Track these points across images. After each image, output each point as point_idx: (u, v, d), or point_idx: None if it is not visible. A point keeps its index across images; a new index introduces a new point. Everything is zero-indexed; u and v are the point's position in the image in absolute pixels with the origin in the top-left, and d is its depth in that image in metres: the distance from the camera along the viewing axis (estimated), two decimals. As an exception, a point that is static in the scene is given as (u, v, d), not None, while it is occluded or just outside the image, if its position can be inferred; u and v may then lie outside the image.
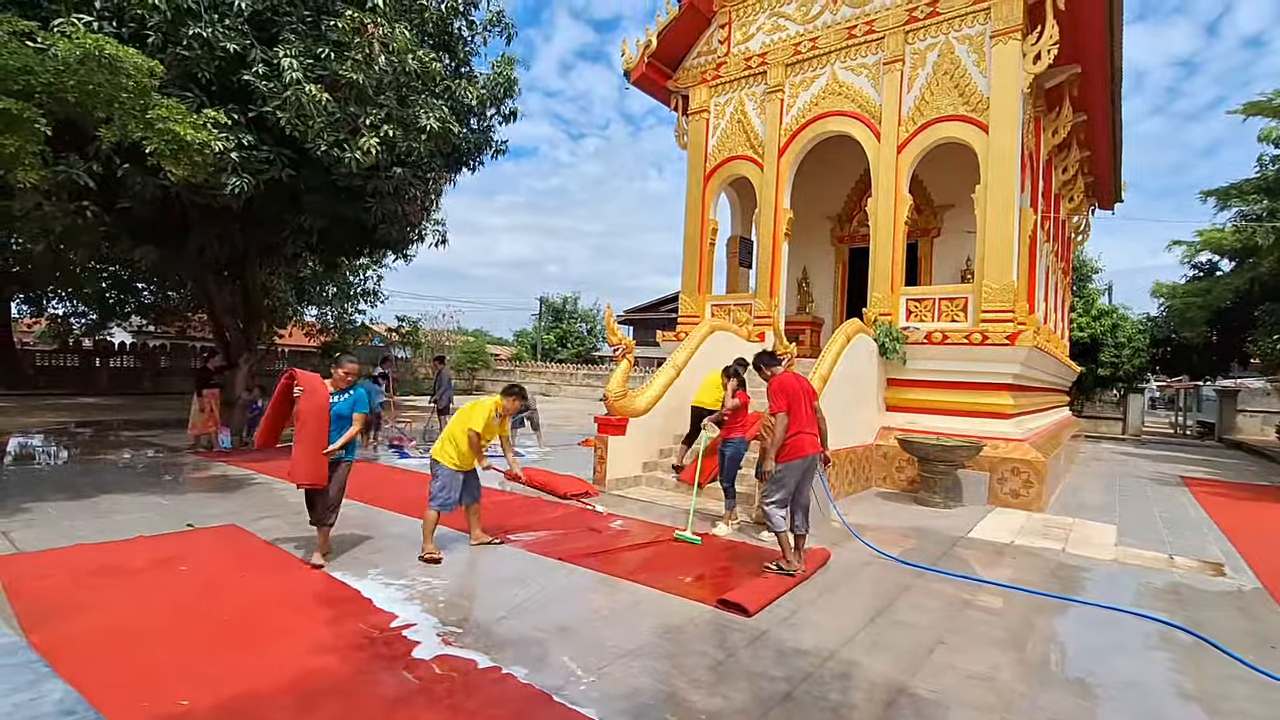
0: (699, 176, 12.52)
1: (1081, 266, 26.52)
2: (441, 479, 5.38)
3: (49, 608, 3.87)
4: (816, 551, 5.69)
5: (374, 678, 3.25)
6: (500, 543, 5.72)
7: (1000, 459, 8.58)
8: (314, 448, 4.74)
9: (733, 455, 6.67)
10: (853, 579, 5.22)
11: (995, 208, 9.30)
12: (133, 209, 9.55)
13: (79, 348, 24.42)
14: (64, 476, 8.05)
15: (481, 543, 5.64)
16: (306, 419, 4.74)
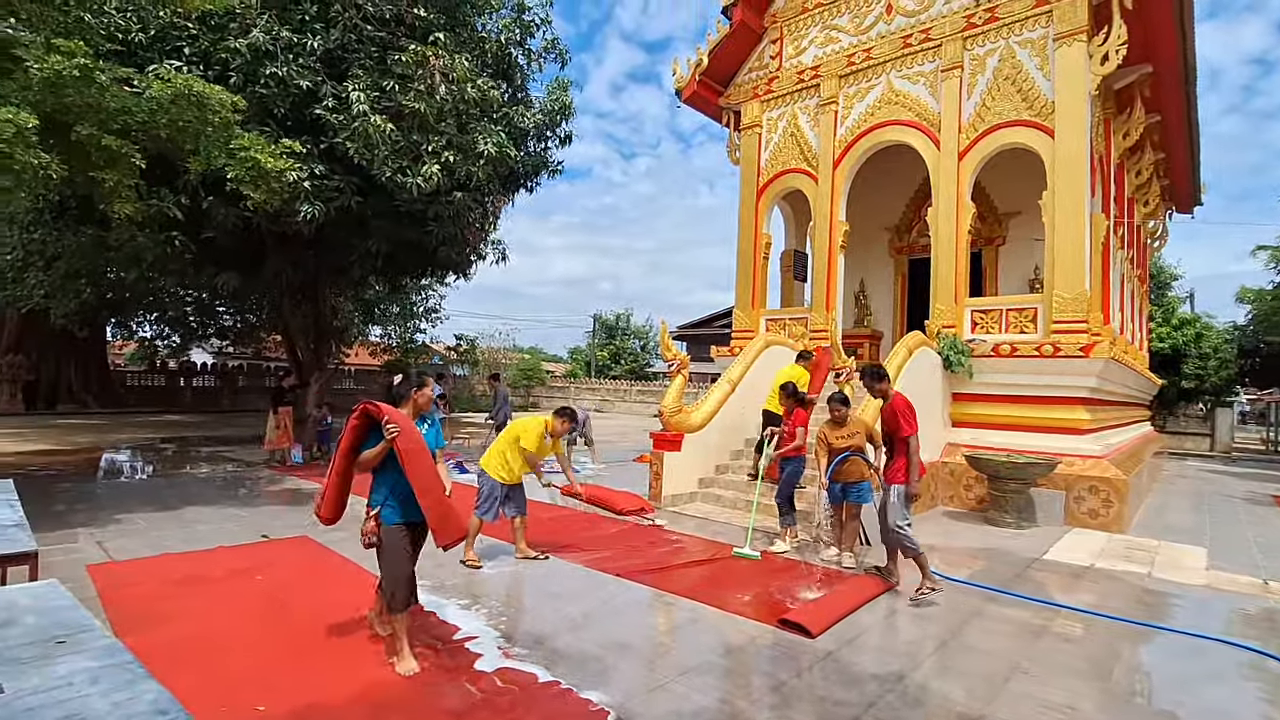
0: (752, 191, 12.47)
1: (1159, 274, 25.08)
2: (486, 488, 5.54)
3: (140, 614, 4.10)
4: (879, 575, 5.51)
5: (438, 689, 3.31)
6: (546, 557, 5.74)
7: (1077, 476, 8.14)
8: (443, 494, 3.62)
9: (790, 474, 6.52)
10: (922, 602, 5.02)
11: (1064, 214, 8.92)
12: (216, 238, 10.19)
13: (165, 368, 26.06)
14: (151, 489, 8.56)
15: (526, 557, 5.68)
16: (414, 460, 3.51)
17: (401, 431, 3.39)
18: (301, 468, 10.64)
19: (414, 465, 3.36)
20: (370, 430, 3.50)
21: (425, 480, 3.41)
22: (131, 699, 1.55)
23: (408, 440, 3.40)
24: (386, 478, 3.51)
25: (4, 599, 2.20)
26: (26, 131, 5.51)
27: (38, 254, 12.09)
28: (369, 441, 3.47)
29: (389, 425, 3.34)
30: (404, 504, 3.48)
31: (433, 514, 3.41)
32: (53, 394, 20.97)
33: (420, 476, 3.39)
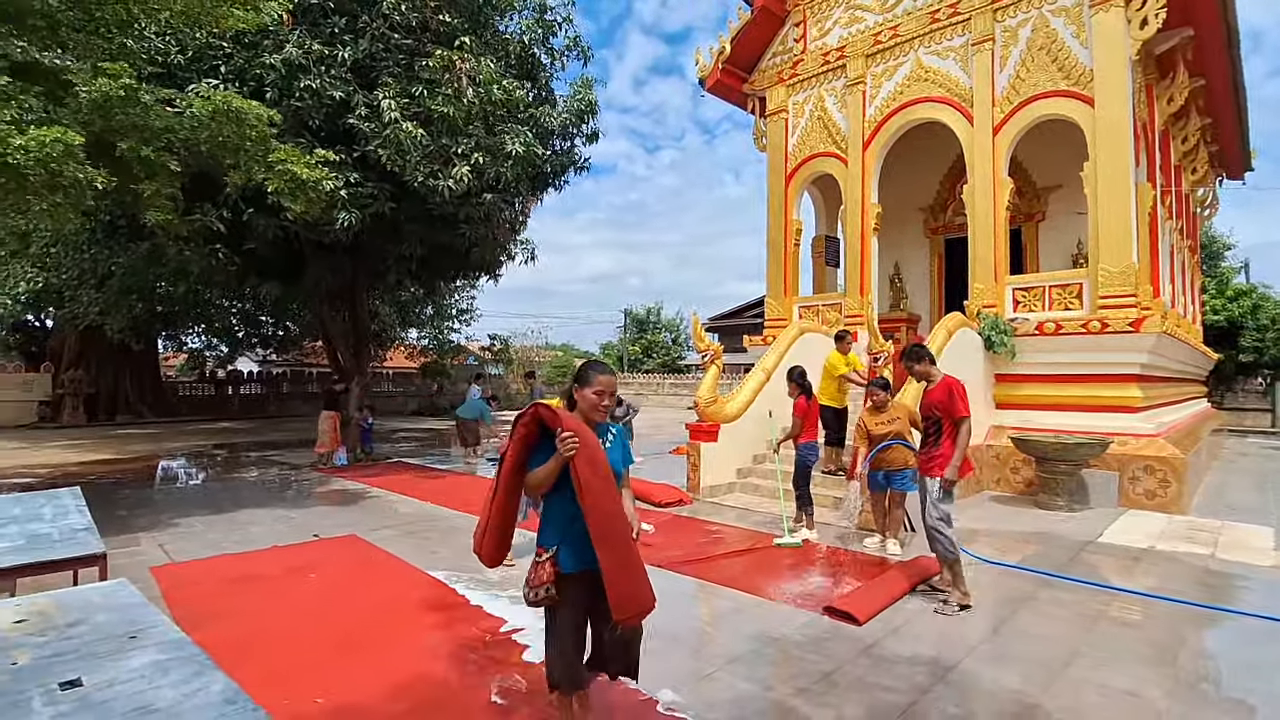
0: (780, 177, 12.32)
1: (1211, 243, 24.07)
2: None
3: (201, 611, 4.26)
4: (924, 561, 5.41)
5: (487, 680, 3.37)
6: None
7: (1131, 456, 7.86)
8: (628, 548, 2.49)
9: (802, 461, 6.44)
10: (969, 587, 4.91)
11: (1107, 185, 8.60)
12: (257, 249, 10.48)
13: (214, 377, 26.98)
14: (206, 494, 8.88)
15: None
16: (594, 493, 2.42)
17: (582, 446, 2.40)
18: (346, 469, 10.91)
19: (593, 500, 2.38)
20: (542, 441, 2.55)
21: (605, 524, 2.39)
22: (200, 689, 1.62)
23: (589, 463, 2.41)
24: (562, 507, 2.52)
25: (78, 598, 2.31)
26: (75, 149, 5.74)
27: (91, 272, 12.63)
28: (539, 456, 2.53)
29: (566, 436, 2.39)
30: (584, 545, 2.43)
31: (612, 575, 2.36)
32: (111, 406, 21.89)
33: (600, 518, 2.38)
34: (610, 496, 2.45)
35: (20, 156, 5.48)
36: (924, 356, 4.83)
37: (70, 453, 13.27)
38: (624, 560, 2.42)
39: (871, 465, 5.90)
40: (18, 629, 1.99)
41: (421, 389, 28.05)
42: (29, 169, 5.66)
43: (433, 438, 16.95)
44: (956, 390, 4.56)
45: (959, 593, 4.47)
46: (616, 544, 2.42)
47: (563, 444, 2.39)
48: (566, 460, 2.39)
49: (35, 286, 17.86)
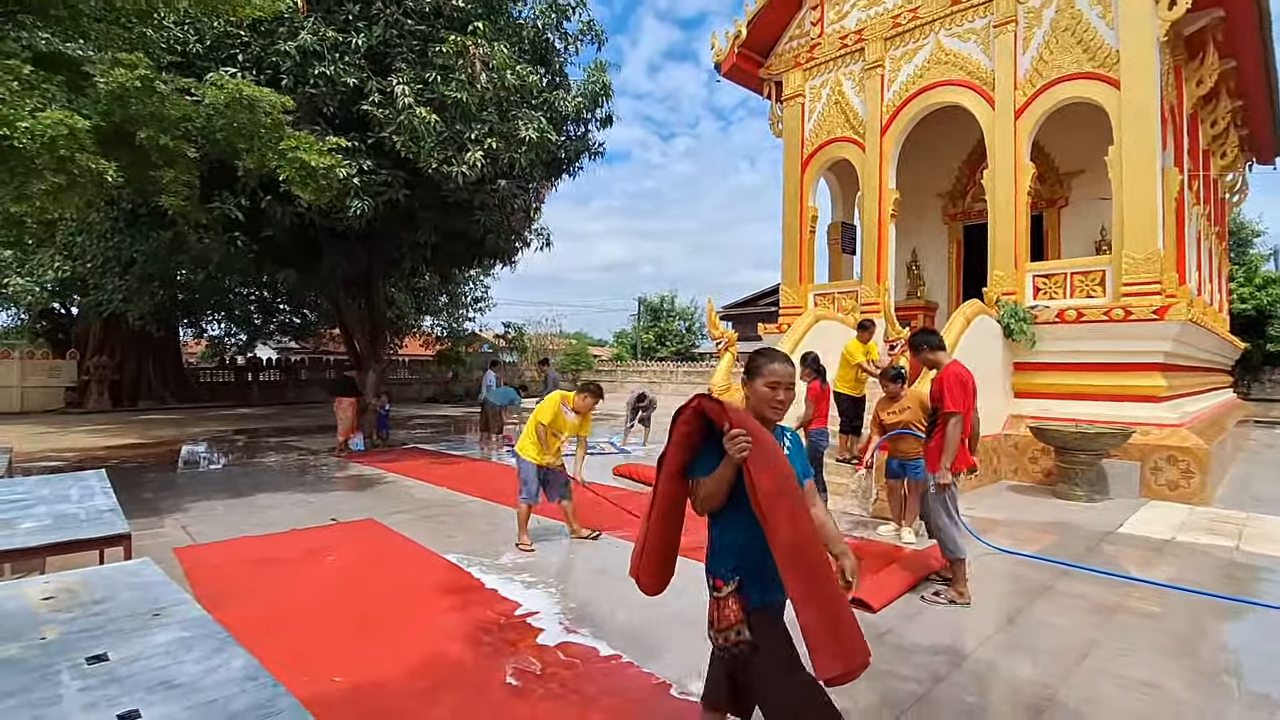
0: (796, 163, 12.19)
1: (1239, 230, 23.53)
2: (523, 473, 5.54)
3: (223, 591, 4.35)
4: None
5: (502, 661, 3.40)
6: (597, 536, 5.78)
7: (1153, 446, 7.73)
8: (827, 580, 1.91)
9: (812, 448, 6.38)
10: (984, 577, 4.87)
11: (1133, 169, 8.42)
12: (274, 237, 10.58)
13: (234, 365, 27.37)
14: (227, 478, 9.03)
15: (580, 536, 5.73)
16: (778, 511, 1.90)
17: (758, 448, 1.88)
18: (363, 454, 11.04)
19: (777, 518, 1.84)
20: (708, 442, 2.03)
21: (795, 552, 1.84)
22: (221, 665, 1.65)
23: (769, 469, 1.88)
24: (738, 525, 2.00)
25: (104, 576, 2.35)
26: (80, 134, 5.78)
27: (115, 260, 12.80)
28: (705, 461, 2.02)
29: (735, 434, 1.87)
30: (766, 575, 2.01)
31: (809, 620, 1.80)
32: (135, 392, 22.31)
33: (788, 543, 1.83)
34: (799, 514, 1.88)
35: (26, 140, 5.54)
36: (923, 344, 4.58)
37: (96, 437, 13.55)
38: (822, 599, 1.81)
39: (888, 454, 5.89)
40: (46, 605, 2.04)
41: (437, 376, 28.27)
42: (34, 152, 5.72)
43: (448, 424, 17.10)
44: (947, 383, 4.30)
45: (955, 591, 4.34)
46: (811, 578, 1.82)
47: (732, 443, 1.86)
48: (739, 464, 1.88)
49: (62, 275, 18.19)
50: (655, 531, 2.16)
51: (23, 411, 19.87)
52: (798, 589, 1.84)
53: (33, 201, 6.37)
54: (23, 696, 1.47)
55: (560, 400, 5.58)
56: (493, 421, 11.58)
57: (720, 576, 2.12)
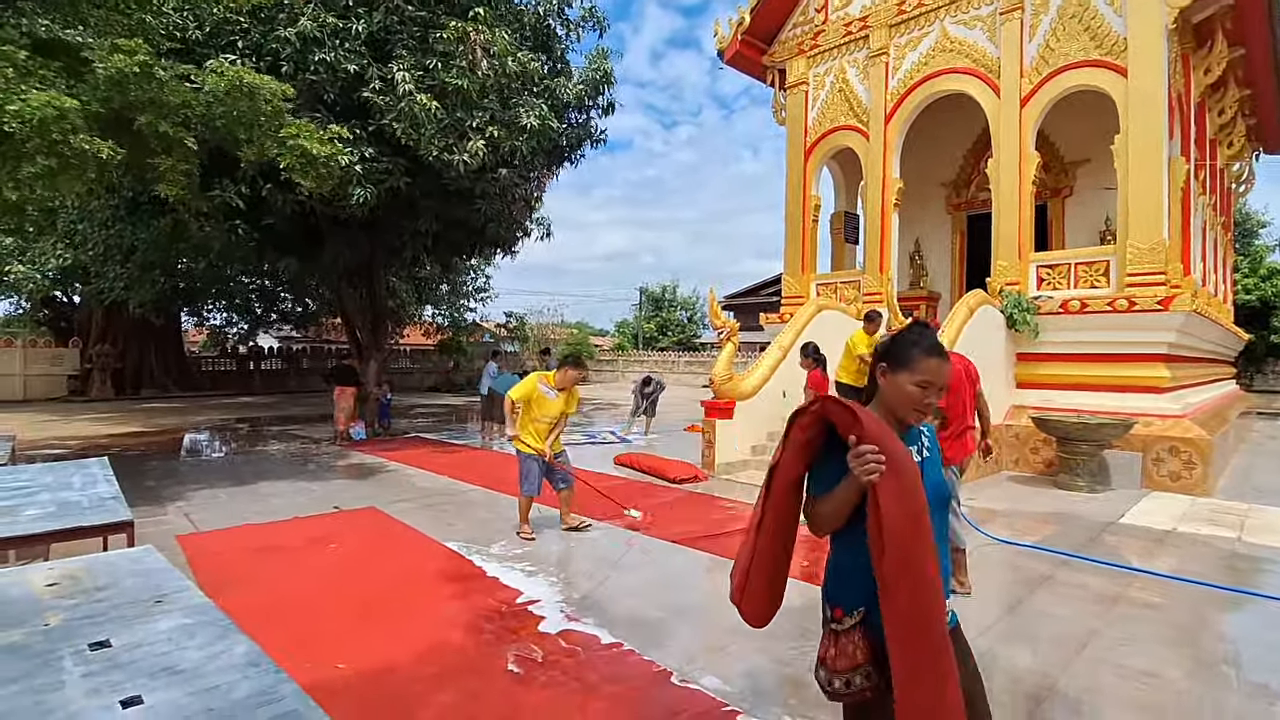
0: (799, 151, 12.11)
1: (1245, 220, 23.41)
2: (524, 466, 5.46)
3: (225, 579, 4.36)
4: None
5: (504, 649, 3.42)
6: (587, 527, 5.70)
7: (1155, 437, 7.72)
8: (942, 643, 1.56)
9: None
10: (984, 567, 4.88)
11: (1139, 158, 8.36)
12: (275, 225, 10.56)
13: (236, 353, 27.40)
14: (229, 466, 9.05)
15: (569, 528, 5.63)
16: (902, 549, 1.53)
17: (890, 467, 1.52)
18: (365, 443, 11.06)
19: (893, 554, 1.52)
20: (830, 451, 1.68)
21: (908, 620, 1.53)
22: (224, 652, 1.65)
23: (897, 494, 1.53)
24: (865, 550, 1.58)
25: (107, 563, 2.36)
26: (71, 115, 5.74)
27: (116, 248, 12.79)
28: (825, 473, 1.68)
29: (863, 451, 1.52)
30: None
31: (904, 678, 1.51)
32: (138, 380, 22.35)
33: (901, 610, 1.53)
34: (919, 552, 1.52)
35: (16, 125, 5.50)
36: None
37: (99, 425, 13.59)
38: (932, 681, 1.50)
39: None
40: (49, 592, 2.05)
41: (438, 365, 28.29)
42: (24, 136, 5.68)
43: (449, 413, 17.12)
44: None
45: (955, 581, 4.26)
46: (923, 656, 1.49)
47: (858, 462, 1.52)
48: (863, 483, 1.52)
49: (64, 262, 18.18)
50: (764, 552, 1.75)
51: (26, 400, 19.92)
52: (904, 665, 1.50)
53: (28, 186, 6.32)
54: (25, 682, 1.47)
55: (538, 380, 5.39)
56: (498, 411, 11.55)
57: (840, 604, 1.72)
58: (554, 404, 5.44)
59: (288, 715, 1.36)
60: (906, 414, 1.71)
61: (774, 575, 1.80)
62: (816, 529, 1.72)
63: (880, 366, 1.76)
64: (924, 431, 1.85)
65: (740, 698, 2.97)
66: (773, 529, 1.76)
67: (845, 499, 1.61)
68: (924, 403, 1.68)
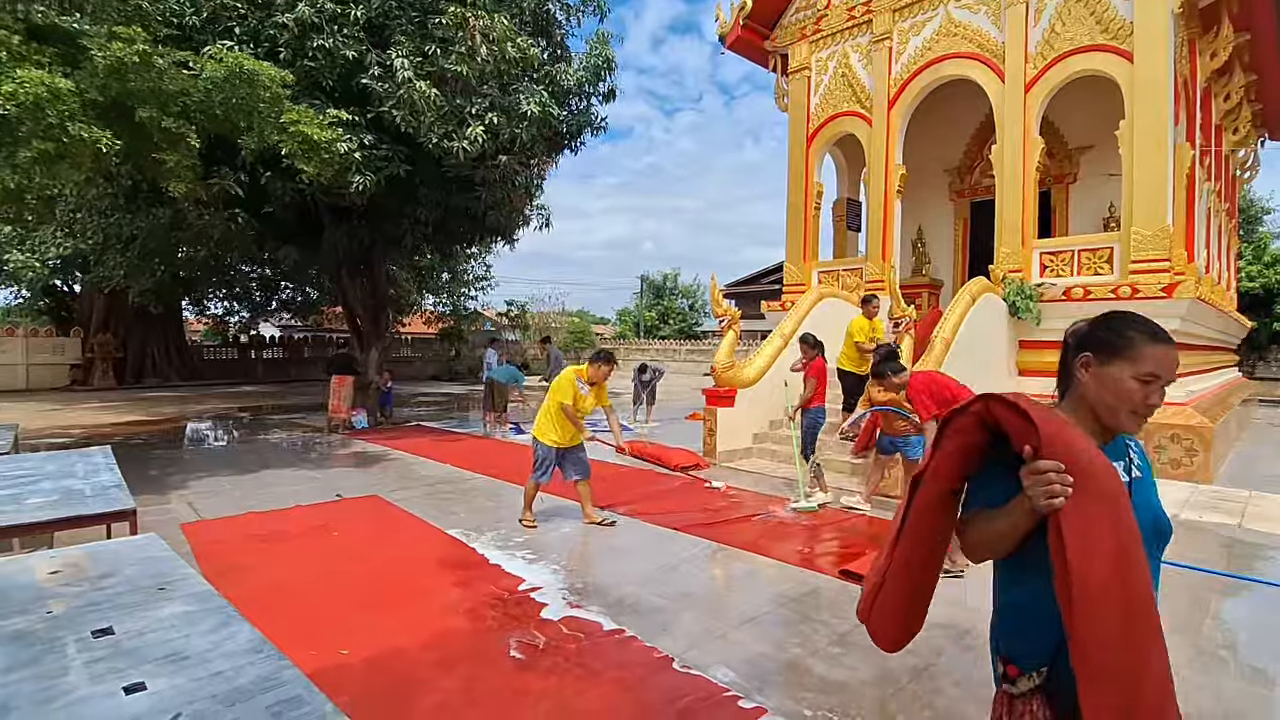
0: (801, 138, 12.02)
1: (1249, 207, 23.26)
2: (539, 455, 5.44)
3: (229, 566, 4.39)
4: None
5: (507, 635, 3.44)
6: (613, 523, 5.56)
7: (1157, 425, 7.71)
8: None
9: (810, 426, 6.52)
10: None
11: (1144, 144, 8.28)
12: (275, 213, 10.53)
13: (237, 342, 27.41)
14: (232, 455, 9.08)
15: (592, 522, 5.52)
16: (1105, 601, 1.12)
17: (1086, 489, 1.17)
18: (367, 432, 11.08)
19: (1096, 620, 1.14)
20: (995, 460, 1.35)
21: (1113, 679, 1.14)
22: (227, 639, 1.66)
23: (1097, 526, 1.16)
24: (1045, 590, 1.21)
25: (110, 551, 2.37)
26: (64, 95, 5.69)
27: (116, 237, 12.74)
28: (987, 486, 1.37)
29: (1043, 470, 1.18)
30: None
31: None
32: (139, 369, 22.38)
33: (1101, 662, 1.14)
34: (1128, 607, 1.15)
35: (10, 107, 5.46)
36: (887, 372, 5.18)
37: (102, 414, 13.62)
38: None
39: (881, 430, 5.95)
40: (53, 579, 2.05)
41: (440, 354, 28.29)
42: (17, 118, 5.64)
43: (451, 402, 17.14)
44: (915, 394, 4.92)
45: (949, 560, 4.42)
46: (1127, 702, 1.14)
47: (1034, 482, 1.17)
48: (1041, 510, 1.17)
49: (64, 251, 18.14)
50: (901, 570, 1.45)
51: (28, 389, 19.96)
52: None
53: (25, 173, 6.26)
54: (30, 669, 1.48)
55: (574, 377, 5.41)
56: (498, 399, 11.53)
57: (1013, 659, 1.35)
58: (588, 400, 5.47)
59: (291, 701, 1.37)
60: (1120, 419, 1.31)
61: (912, 597, 1.50)
62: (973, 555, 1.39)
63: (1082, 358, 1.37)
64: (1131, 445, 1.40)
65: (742, 683, 2.99)
66: (914, 547, 1.43)
67: (1014, 525, 1.25)
68: (1147, 403, 1.30)
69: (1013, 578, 1.37)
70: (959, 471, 1.39)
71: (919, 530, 1.42)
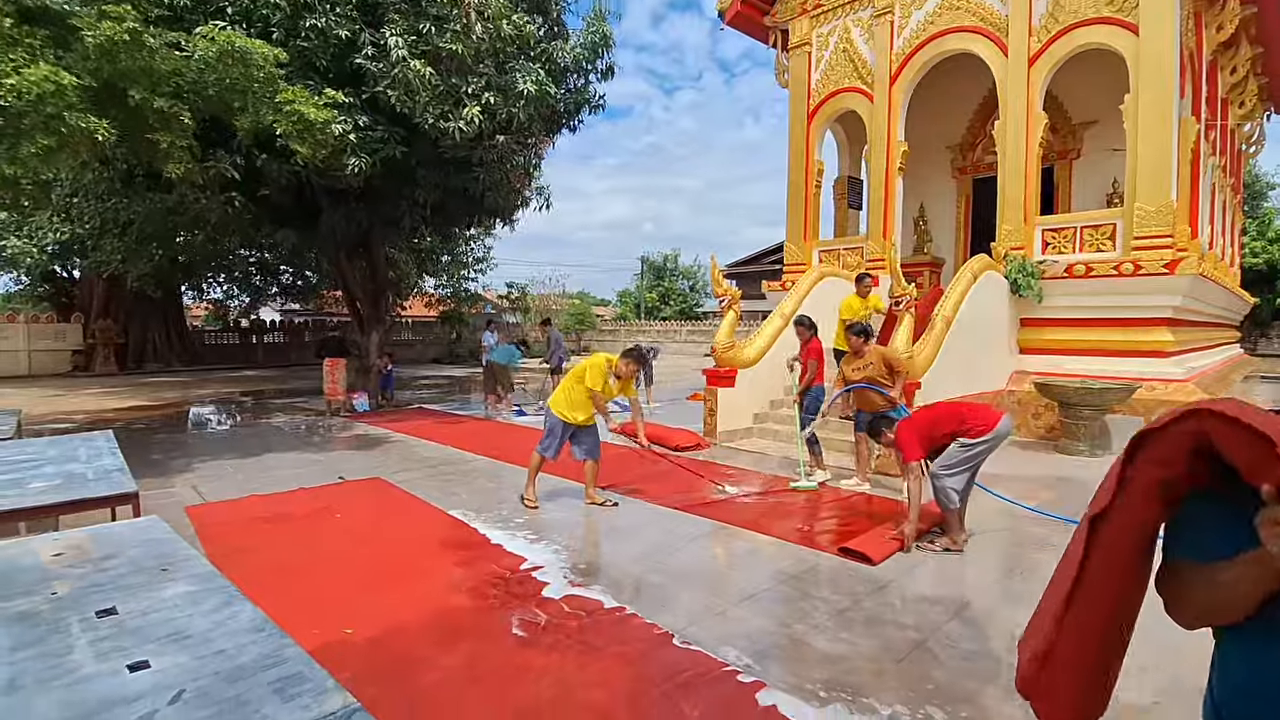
0: (801, 114, 11.89)
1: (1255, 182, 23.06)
2: (549, 424, 5.52)
3: (233, 547, 4.42)
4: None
5: (508, 613, 3.47)
6: (615, 504, 5.55)
7: (1158, 402, 7.72)
8: None
9: (811, 404, 6.57)
10: (983, 530, 4.92)
11: (1149, 118, 8.20)
12: (271, 196, 10.45)
13: (238, 327, 27.40)
14: (235, 438, 9.12)
15: (594, 503, 5.53)
16: None
17: None
18: (368, 415, 11.12)
19: None
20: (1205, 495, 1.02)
21: None
22: (230, 618, 1.67)
23: None
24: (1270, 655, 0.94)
25: (113, 533, 2.39)
26: (67, 90, 5.64)
27: (113, 222, 12.68)
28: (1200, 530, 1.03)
29: None
30: None
31: None
32: (141, 354, 22.41)
33: None
34: None
35: (12, 99, 5.41)
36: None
37: (104, 400, 13.66)
38: None
39: (856, 407, 6.16)
40: (56, 561, 2.07)
41: (440, 337, 28.29)
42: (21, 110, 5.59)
43: (452, 384, 17.17)
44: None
45: (950, 539, 4.46)
46: None
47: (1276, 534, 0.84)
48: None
49: (61, 237, 18.07)
50: (1076, 642, 1.15)
51: (30, 375, 20.00)
52: None
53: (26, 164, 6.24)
54: (36, 648, 1.49)
55: (607, 366, 5.46)
56: (501, 381, 11.49)
57: None
58: (612, 389, 5.55)
59: (293, 677, 1.38)
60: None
61: (1092, 673, 1.18)
62: (1183, 617, 1.07)
63: None
64: None
65: (742, 659, 3.02)
66: (1092, 613, 1.12)
67: (1245, 586, 0.94)
68: None
69: (1247, 653, 1.01)
70: (1156, 511, 1.06)
71: (1100, 592, 1.11)
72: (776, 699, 2.68)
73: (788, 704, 2.65)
